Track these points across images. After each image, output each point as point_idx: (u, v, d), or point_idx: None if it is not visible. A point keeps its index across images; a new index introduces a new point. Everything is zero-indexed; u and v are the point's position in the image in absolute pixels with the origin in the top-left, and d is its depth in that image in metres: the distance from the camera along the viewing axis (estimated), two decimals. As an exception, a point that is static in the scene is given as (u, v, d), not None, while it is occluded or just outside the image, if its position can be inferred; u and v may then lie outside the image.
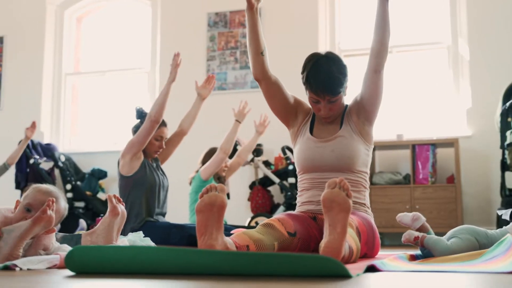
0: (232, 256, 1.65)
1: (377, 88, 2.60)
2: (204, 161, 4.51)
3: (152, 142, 3.68)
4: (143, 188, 3.60)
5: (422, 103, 5.77)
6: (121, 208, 2.45)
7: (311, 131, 2.70)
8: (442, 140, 5.25)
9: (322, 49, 5.86)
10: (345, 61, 2.68)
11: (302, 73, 2.64)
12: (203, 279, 1.53)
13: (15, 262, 1.89)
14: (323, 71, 2.55)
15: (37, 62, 6.65)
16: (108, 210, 2.41)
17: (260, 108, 5.75)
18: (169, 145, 3.89)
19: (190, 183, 4.43)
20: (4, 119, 6.56)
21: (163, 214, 3.73)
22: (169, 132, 3.85)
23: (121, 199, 2.51)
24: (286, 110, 2.73)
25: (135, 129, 3.78)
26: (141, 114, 3.82)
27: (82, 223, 5.67)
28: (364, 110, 2.64)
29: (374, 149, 2.65)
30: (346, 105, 2.72)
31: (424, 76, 5.83)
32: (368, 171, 2.70)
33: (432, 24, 5.86)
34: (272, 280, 1.49)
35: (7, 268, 1.86)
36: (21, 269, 1.85)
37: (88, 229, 5.40)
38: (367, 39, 5.83)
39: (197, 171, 4.43)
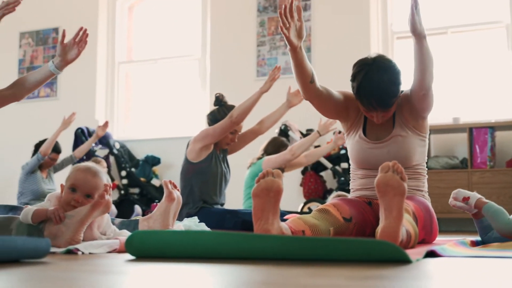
0: (289, 241, 1.66)
1: (428, 103, 2.52)
2: (266, 149, 4.50)
3: (226, 134, 3.71)
4: (205, 177, 3.64)
5: (479, 85, 5.62)
6: (177, 193, 2.49)
7: (364, 130, 2.63)
8: (501, 122, 5.10)
9: (374, 32, 5.78)
10: (398, 44, 2.60)
11: (352, 81, 2.53)
12: (259, 264, 1.55)
13: (77, 246, 1.95)
14: (375, 85, 2.42)
15: (91, 52, 6.78)
16: (164, 195, 2.45)
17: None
18: (242, 140, 3.90)
19: (248, 167, 4.44)
20: (60, 107, 6.73)
21: (221, 205, 3.78)
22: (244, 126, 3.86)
23: (177, 185, 2.54)
24: (338, 112, 2.66)
25: (211, 116, 3.78)
26: (220, 102, 3.81)
27: (137, 209, 5.79)
28: (416, 112, 2.55)
29: (429, 133, 2.59)
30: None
31: (481, 57, 5.66)
32: (426, 158, 2.65)
33: (489, 2, 5.68)
34: (330, 265, 1.49)
35: (70, 252, 1.93)
36: (83, 253, 1.91)
37: (143, 214, 5.52)
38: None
39: (259, 158, 4.43)
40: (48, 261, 1.63)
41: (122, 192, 6.13)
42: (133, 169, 6.22)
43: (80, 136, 6.11)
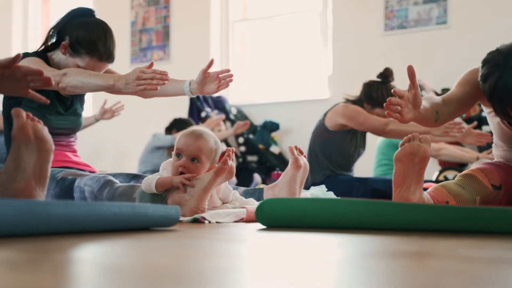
0: (434, 210, 1.63)
1: None
2: None
3: None
4: (337, 148, 3.65)
5: None
6: (303, 160, 2.49)
7: None
8: None
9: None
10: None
11: (482, 82, 2.26)
12: (400, 234, 1.53)
13: (203, 215, 2.02)
14: (510, 92, 2.17)
15: (204, 11, 6.93)
16: (290, 162, 2.47)
17: (446, 48, 5.51)
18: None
19: None
20: (173, 71, 6.94)
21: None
22: None
23: (303, 151, 2.55)
24: (472, 105, 2.52)
25: (367, 89, 3.68)
26: (385, 77, 3.70)
27: (257, 177, 5.91)
28: None
29: None
30: None
31: None
32: None
33: None
34: (482, 237, 1.45)
35: (196, 221, 2.00)
36: (209, 222, 1.98)
37: (263, 183, 5.63)
38: None
39: None
40: (178, 229, 1.70)
41: (240, 160, 6.27)
42: (250, 136, 6.33)
43: (195, 101, 6.29)
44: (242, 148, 6.29)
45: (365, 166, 4.84)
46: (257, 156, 6.28)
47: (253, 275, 0.91)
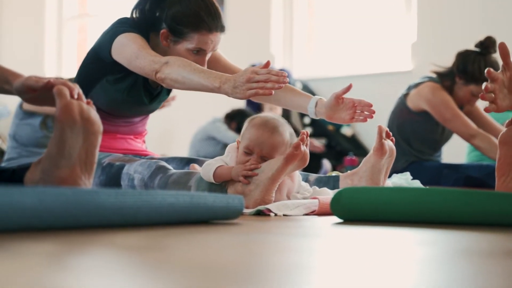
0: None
1: None
2: None
3: (466, 94, 3.62)
4: (417, 132, 3.60)
5: None
6: (389, 144, 2.44)
7: None
8: None
9: None
10: None
11: None
12: (504, 231, 1.51)
13: (268, 206, 2.01)
14: None
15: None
16: (374, 146, 2.42)
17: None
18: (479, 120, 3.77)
19: None
20: (228, 40, 6.96)
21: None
22: None
23: (391, 133, 2.49)
24: None
25: (462, 61, 3.55)
26: (485, 48, 3.53)
27: (326, 164, 5.88)
28: None
29: None
30: None
31: None
32: None
33: None
34: None
35: (259, 213, 2.00)
36: (275, 214, 1.97)
37: (333, 170, 5.61)
38: None
39: None
40: (241, 222, 1.71)
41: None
42: (318, 115, 6.29)
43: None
44: (309, 130, 6.26)
45: (455, 150, 4.75)
46: (326, 138, 6.25)
47: (326, 274, 0.91)
